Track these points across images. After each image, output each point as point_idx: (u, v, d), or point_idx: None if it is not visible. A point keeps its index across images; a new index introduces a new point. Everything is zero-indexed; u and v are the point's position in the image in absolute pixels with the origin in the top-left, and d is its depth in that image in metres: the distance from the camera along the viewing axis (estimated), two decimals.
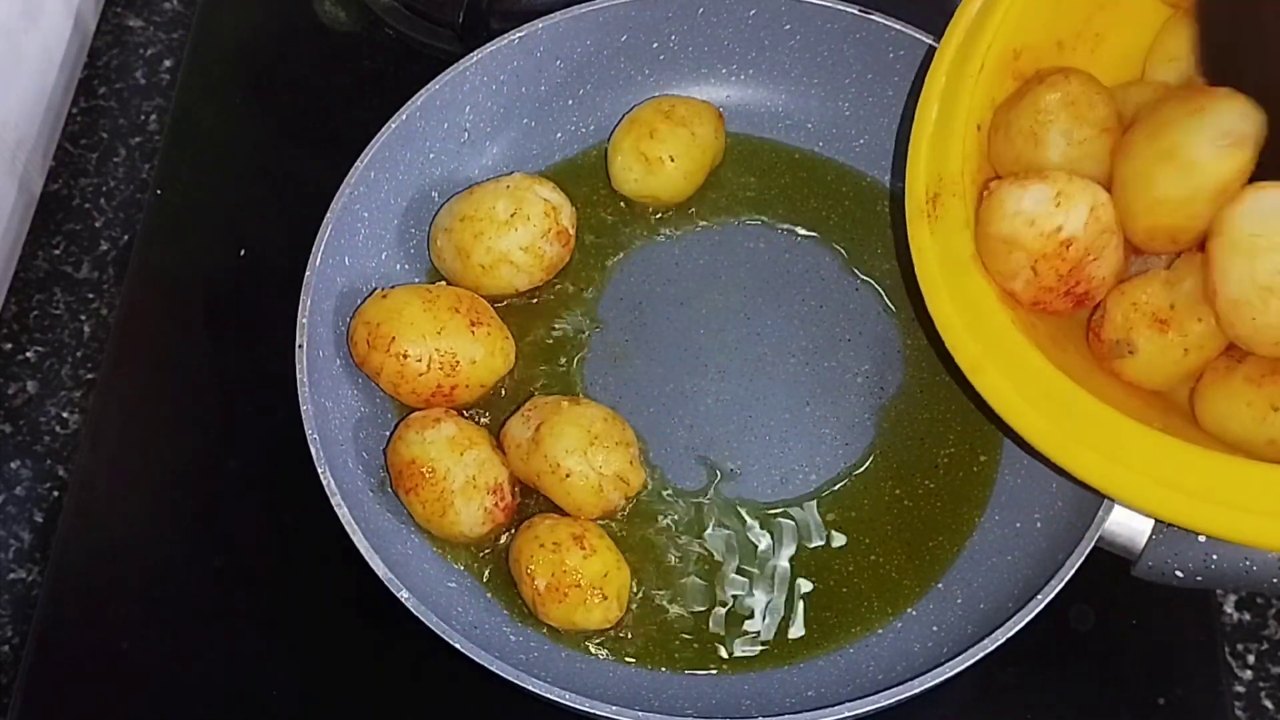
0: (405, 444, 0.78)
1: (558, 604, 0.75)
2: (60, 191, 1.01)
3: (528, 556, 0.76)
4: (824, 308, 0.89)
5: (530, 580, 0.75)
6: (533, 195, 0.84)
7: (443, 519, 0.77)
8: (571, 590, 0.75)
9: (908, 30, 0.89)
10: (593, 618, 0.75)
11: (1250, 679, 0.82)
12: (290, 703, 0.80)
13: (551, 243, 0.84)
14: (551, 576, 0.75)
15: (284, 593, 0.83)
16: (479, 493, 0.77)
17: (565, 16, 0.90)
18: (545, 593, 0.75)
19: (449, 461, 0.77)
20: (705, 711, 0.75)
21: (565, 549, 0.75)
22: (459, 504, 0.77)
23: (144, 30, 1.09)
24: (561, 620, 0.75)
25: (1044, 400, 0.71)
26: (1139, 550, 0.74)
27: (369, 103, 0.90)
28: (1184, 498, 0.66)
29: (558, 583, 0.75)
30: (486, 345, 0.81)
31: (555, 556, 0.75)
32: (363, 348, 0.80)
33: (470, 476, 0.77)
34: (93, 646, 0.82)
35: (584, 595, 0.75)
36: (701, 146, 0.89)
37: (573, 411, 0.79)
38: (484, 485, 0.77)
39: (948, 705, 0.79)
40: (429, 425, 0.78)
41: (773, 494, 0.82)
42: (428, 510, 0.77)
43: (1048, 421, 0.70)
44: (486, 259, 0.83)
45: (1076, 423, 0.69)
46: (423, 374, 0.80)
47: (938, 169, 0.77)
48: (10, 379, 0.93)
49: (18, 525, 0.88)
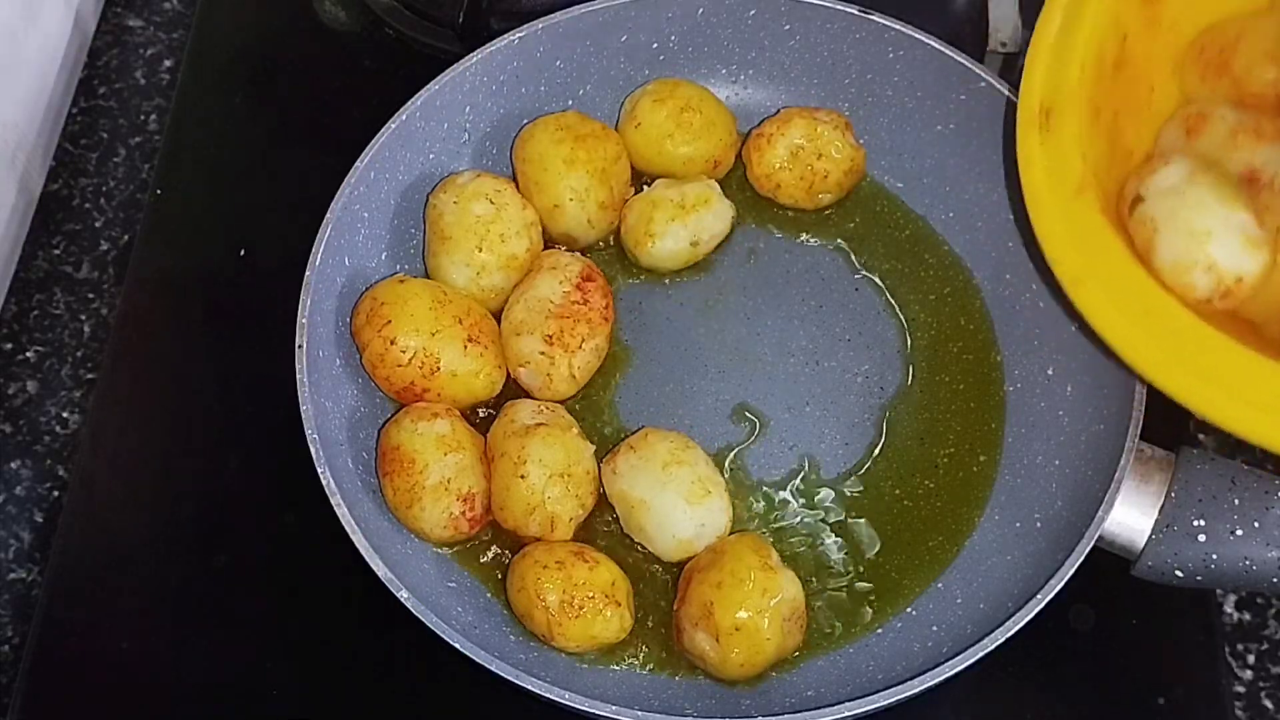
0: (398, 429, 0.79)
1: (574, 619, 0.74)
2: (60, 191, 1.01)
3: (533, 579, 0.75)
4: (824, 308, 0.89)
5: (541, 602, 0.74)
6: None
7: (408, 510, 0.77)
8: (586, 602, 0.74)
9: (908, 30, 0.88)
10: (610, 628, 0.75)
11: (1250, 679, 0.82)
12: (290, 703, 0.80)
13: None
14: (563, 593, 0.74)
15: (284, 592, 0.83)
16: (449, 496, 0.77)
17: (565, 16, 0.90)
18: (559, 611, 0.74)
19: (430, 457, 0.77)
20: (705, 711, 0.75)
21: (569, 565, 0.75)
22: (427, 501, 0.77)
23: (144, 30, 1.09)
24: (580, 637, 0.74)
25: (1143, 317, 0.69)
26: (1139, 550, 0.74)
27: (369, 103, 0.90)
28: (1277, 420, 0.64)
29: (570, 598, 0.74)
30: (473, 364, 0.81)
31: (562, 573, 0.75)
32: (361, 319, 0.81)
33: (445, 478, 0.77)
34: (93, 646, 0.82)
35: (599, 606, 0.74)
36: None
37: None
38: (456, 490, 0.77)
39: (948, 705, 0.79)
40: (425, 418, 0.79)
41: (773, 494, 0.82)
42: (397, 498, 0.77)
43: (1146, 338, 0.69)
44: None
45: (1175, 341, 0.68)
46: (401, 365, 0.80)
47: (1055, 81, 0.74)
48: (10, 379, 0.93)
49: (18, 525, 0.88)
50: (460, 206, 0.84)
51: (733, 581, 0.74)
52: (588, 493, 0.79)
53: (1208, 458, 0.75)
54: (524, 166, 0.87)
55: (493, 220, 0.84)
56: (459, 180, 0.86)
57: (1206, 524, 0.73)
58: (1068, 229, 0.72)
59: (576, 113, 0.89)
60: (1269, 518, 0.72)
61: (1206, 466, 0.74)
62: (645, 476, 0.78)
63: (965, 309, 0.88)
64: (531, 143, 0.87)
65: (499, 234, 0.84)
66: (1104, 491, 0.74)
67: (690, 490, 0.77)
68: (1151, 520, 0.73)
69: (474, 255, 0.83)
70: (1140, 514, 0.74)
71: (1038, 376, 0.84)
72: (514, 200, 0.85)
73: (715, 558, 0.76)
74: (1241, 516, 0.73)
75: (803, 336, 0.87)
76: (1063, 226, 0.72)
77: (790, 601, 0.74)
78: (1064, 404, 0.82)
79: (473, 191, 0.84)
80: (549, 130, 0.87)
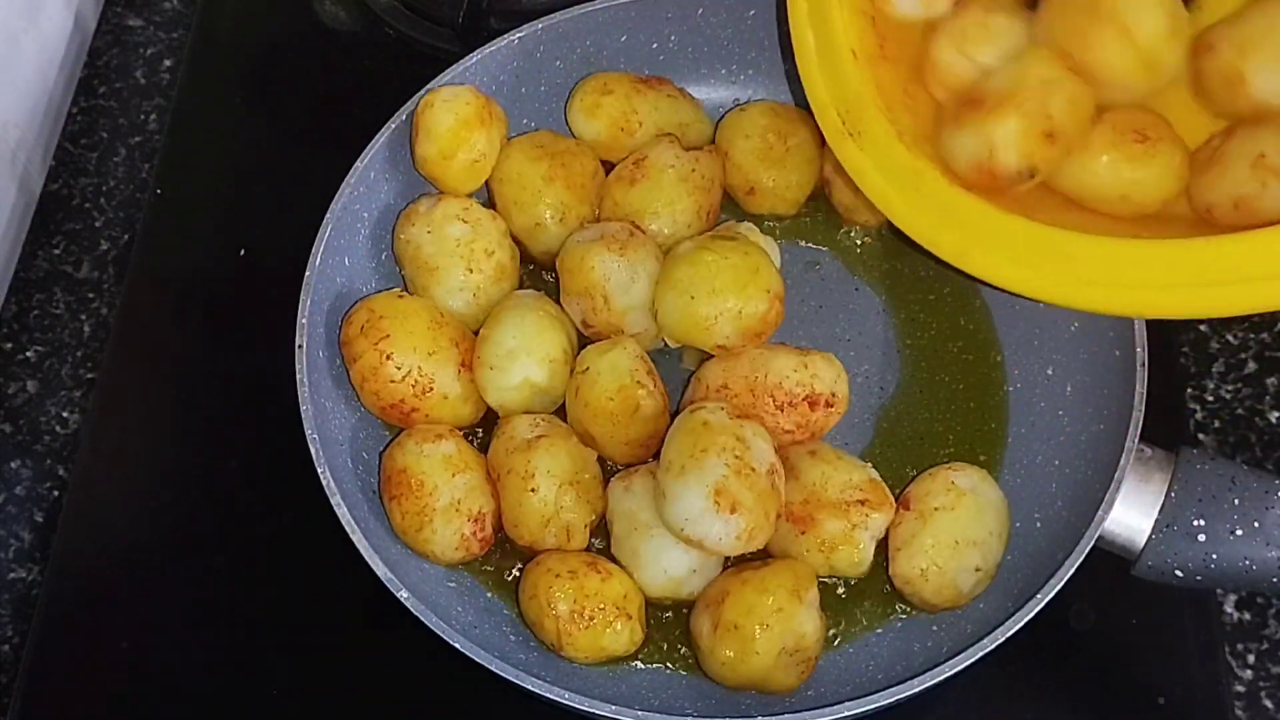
0: (402, 451, 0.77)
1: (583, 630, 0.73)
2: (60, 191, 1.01)
3: (545, 587, 0.74)
4: (824, 308, 0.88)
5: (551, 610, 0.74)
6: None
7: (419, 533, 0.76)
8: (597, 613, 0.73)
9: None
10: (620, 641, 0.74)
11: (1250, 679, 0.82)
12: (290, 702, 0.80)
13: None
14: (574, 602, 0.73)
15: (284, 592, 0.83)
16: (460, 517, 0.76)
17: (565, 16, 0.90)
18: (569, 620, 0.73)
19: (439, 479, 0.76)
20: (706, 711, 0.75)
21: (582, 575, 0.74)
22: (438, 523, 0.76)
23: (144, 30, 1.09)
24: (589, 648, 0.74)
25: (911, 191, 0.74)
26: (1139, 550, 0.74)
27: (369, 103, 0.90)
28: (1033, 273, 0.70)
29: (581, 608, 0.73)
30: (465, 389, 0.80)
31: (574, 583, 0.74)
32: (354, 330, 0.79)
33: (456, 499, 0.76)
34: (93, 646, 0.82)
35: (609, 618, 0.74)
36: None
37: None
38: (467, 511, 0.76)
39: (948, 705, 0.79)
40: (429, 439, 0.77)
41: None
42: (406, 521, 0.76)
43: (909, 205, 0.74)
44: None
45: (937, 205, 0.73)
46: (394, 382, 0.78)
47: (839, 90, 0.77)
48: (10, 379, 0.93)
49: (18, 525, 0.88)
50: (436, 234, 0.83)
51: (758, 587, 0.73)
52: (597, 497, 0.78)
53: (1208, 458, 0.75)
54: (501, 187, 0.86)
55: (473, 239, 0.83)
56: (421, 210, 0.84)
57: (1206, 524, 0.73)
58: (938, 217, 0.74)
59: (549, 131, 0.89)
60: (1269, 518, 0.72)
61: (1206, 466, 0.74)
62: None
63: (965, 309, 0.88)
64: (508, 162, 0.86)
65: (484, 250, 0.83)
66: (1104, 491, 0.74)
67: None
68: (1151, 520, 0.73)
69: (467, 279, 0.83)
70: (1140, 514, 0.74)
71: (1038, 376, 0.84)
72: (483, 213, 0.85)
73: (762, 566, 0.75)
74: (1241, 516, 0.73)
75: (802, 337, 0.87)
76: (933, 218, 0.74)
77: (796, 635, 0.73)
78: (1064, 404, 0.82)
79: (442, 216, 0.83)
80: (524, 149, 0.86)
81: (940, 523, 0.76)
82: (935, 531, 0.76)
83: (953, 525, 0.76)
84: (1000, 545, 0.77)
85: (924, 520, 0.76)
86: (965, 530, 0.76)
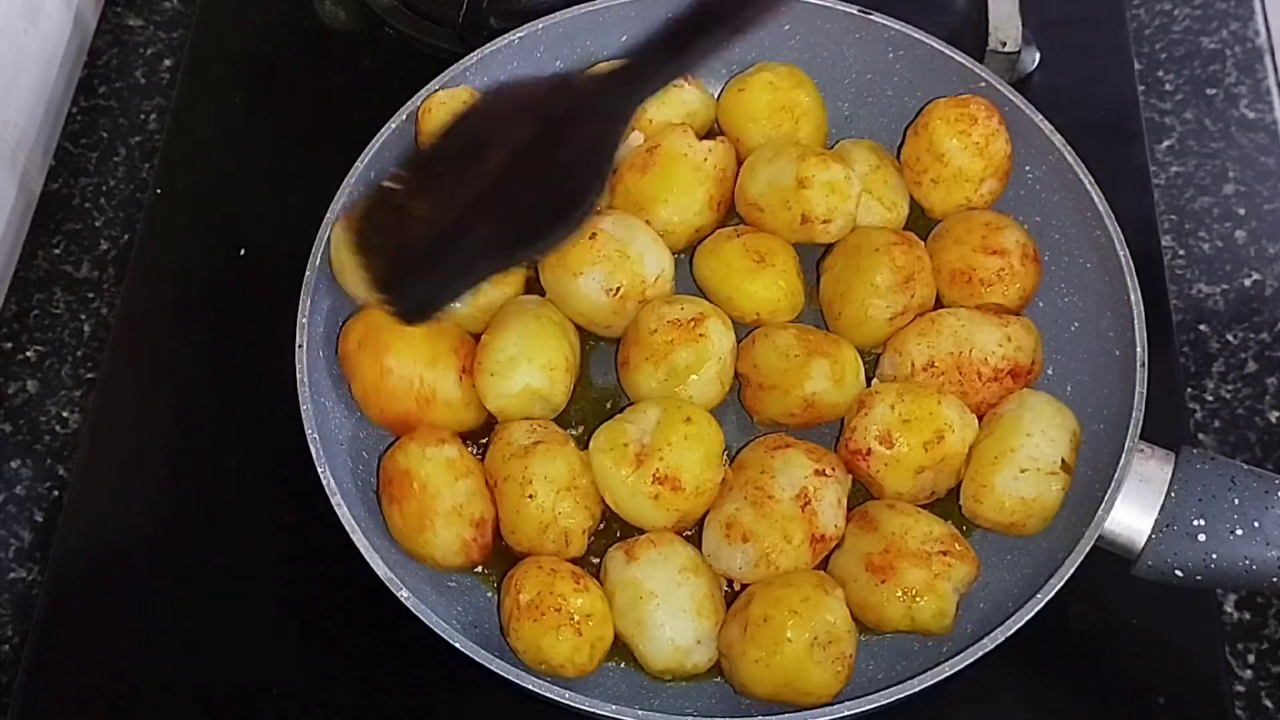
0: (404, 454, 0.77)
1: (531, 622, 0.72)
2: (60, 191, 1.01)
3: (524, 571, 0.74)
4: None
5: (515, 592, 0.73)
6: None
7: (419, 536, 0.76)
8: (549, 613, 0.72)
9: (908, 30, 0.89)
10: (560, 649, 0.72)
11: (1250, 679, 0.82)
12: (290, 702, 0.80)
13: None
14: (536, 594, 0.73)
15: (284, 593, 0.83)
16: (462, 522, 0.76)
17: (565, 16, 0.90)
18: (524, 608, 0.72)
19: (441, 483, 0.76)
20: (705, 711, 0.75)
21: (561, 575, 0.74)
22: (439, 526, 0.75)
23: (144, 30, 1.09)
24: (529, 644, 0.73)
25: None
26: (1139, 550, 0.74)
27: (369, 103, 0.90)
28: None
29: (539, 601, 0.72)
30: (466, 395, 0.80)
31: (549, 578, 0.73)
32: (351, 344, 0.79)
33: (458, 504, 0.76)
34: (93, 646, 0.82)
35: (557, 623, 0.72)
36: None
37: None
38: (469, 516, 0.76)
39: (948, 705, 0.79)
40: (432, 442, 0.77)
41: None
42: (406, 524, 0.76)
43: None
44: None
45: None
46: (397, 394, 0.78)
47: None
48: (10, 379, 0.93)
49: (18, 525, 0.88)
50: None
51: (783, 583, 0.74)
52: (595, 502, 0.78)
53: (1208, 457, 0.75)
54: None
55: None
56: None
57: (1206, 524, 0.73)
58: None
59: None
60: (1269, 518, 0.72)
61: (1206, 466, 0.74)
62: (663, 572, 0.75)
63: None
64: None
65: None
66: (1104, 491, 0.74)
67: (701, 603, 0.75)
68: (1151, 520, 0.73)
69: None
70: (1140, 514, 0.74)
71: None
72: None
73: (777, 579, 0.75)
74: (1241, 516, 0.73)
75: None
76: None
77: (826, 624, 0.72)
78: (1064, 404, 0.82)
79: None
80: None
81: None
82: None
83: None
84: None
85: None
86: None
